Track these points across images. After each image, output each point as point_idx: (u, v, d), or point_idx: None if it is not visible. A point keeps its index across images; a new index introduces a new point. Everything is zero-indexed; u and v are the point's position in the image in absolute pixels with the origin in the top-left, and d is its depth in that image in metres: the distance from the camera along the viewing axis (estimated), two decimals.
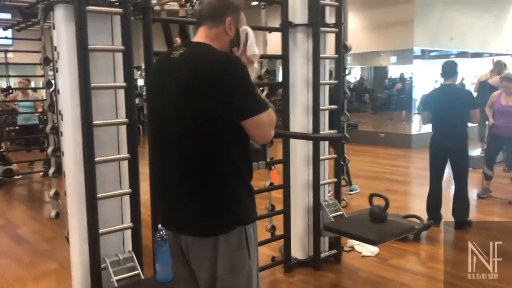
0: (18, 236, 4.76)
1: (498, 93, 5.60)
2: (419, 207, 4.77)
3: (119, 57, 2.58)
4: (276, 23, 3.45)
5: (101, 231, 2.50)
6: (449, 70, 4.51)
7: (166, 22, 4.12)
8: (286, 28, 3.40)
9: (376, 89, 12.61)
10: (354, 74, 16.36)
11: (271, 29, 3.53)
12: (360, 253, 3.96)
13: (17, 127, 8.70)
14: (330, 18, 3.68)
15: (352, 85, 14.69)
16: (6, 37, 8.11)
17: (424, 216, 4.43)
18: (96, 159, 2.44)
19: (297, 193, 3.61)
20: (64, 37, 2.44)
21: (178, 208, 1.67)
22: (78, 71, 2.37)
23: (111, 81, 2.60)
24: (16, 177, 7.60)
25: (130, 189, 2.61)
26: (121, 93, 2.60)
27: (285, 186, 3.53)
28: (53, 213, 4.17)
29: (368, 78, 14.73)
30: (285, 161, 3.52)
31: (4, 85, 8.76)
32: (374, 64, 13.62)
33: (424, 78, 11.20)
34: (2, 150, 7.86)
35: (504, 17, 12.29)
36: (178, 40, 4.95)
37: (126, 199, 2.66)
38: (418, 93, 10.66)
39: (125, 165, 2.64)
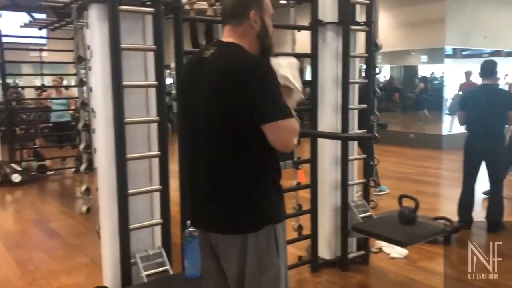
0: (50, 230, 4.89)
1: None
2: (449, 209, 4.68)
3: (150, 56, 2.62)
4: (305, 21, 3.44)
5: (131, 226, 2.54)
6: (489, 70, 4.41)
7: (196, 21, 4.14)
8: (315, 26, 3.38)
9: (406, 88, 12.40)
10: (383, 73, 16.13)
11: (300, 28, 3.52)
12: (389, 254, 3.91)
13: (50, 124, 8.91)
14: (360, 16, 3.64)
15: (381, 84, 14.46)
16: (41, 37, 8.32)
17: (455, 218, 4.34)
18: (128, 156, 2.49)
19: (325, 193, 3.59)
20: (98, 36, 2.49)
21: (208, 206, 1.68)
22: (111, 69, 2.41)
23: (143, 80, 2.64)
24: (49, 172, 7.82)
25: (160, 186, 2.64)
26: (152, 92, 2.64)
27: (313, 186, 3.51)
28: (84, 209, 4.26)
29: (398, 77, 14.48)
30: (313, 160, 3.51)
31: (39, 83, 9.01)
32: (404, 63, 13.40)
33: (455, 78, 10.95)
34: (36, 146, 8.11)
35: None
36: (203, 40, 4.99)
37: (156, 195, 2.70)
38: (449, 93, 10.45)
39: (155, 162, 2.67)
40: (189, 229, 2.37)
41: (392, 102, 12.38)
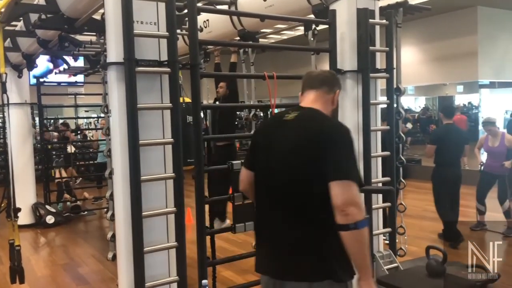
0: (79, 275, 4.93)
1: (485, 135, 5.94)
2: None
3: (167, 113, 2.66)
4: (328, 66, 3.43)
5: (147, 284, 2.53)
6: (451, 112, 5.66)
7: (214, 77, 4.22)
8: None
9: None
10: (418, 103, 15.79)
11: None
12: None
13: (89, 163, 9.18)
14: (381, 63, 3.61)
15: (416, 115, 14.16)
16: (76, 82, 8.68)
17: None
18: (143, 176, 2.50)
19: None
20: (115, 97, 2.57)
21: (278, 256, 1.79)
22: (127, 130, 2.46)
23: (160, 136, 2.68)
24: (83, 213, 7.98)
25: (176, 243, 2.64)
26: (168, 148, 2.67)
27: None
28: (110, 255, 4.32)
29: (434, 107, 14.23)
30: None
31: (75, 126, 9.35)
32: (440, 93, 13.18)
33: (492, 107, 10.68)
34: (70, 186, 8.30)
35: None
36: (222, 84, 5.09)
37: (172, 252, 2.69)
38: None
39: (171, 218, 2.69)
40: (205, 287, 2.35)
41: (428, 134, 12.03)
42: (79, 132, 9.48)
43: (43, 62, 7.27)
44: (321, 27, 3.61)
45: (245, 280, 4.18)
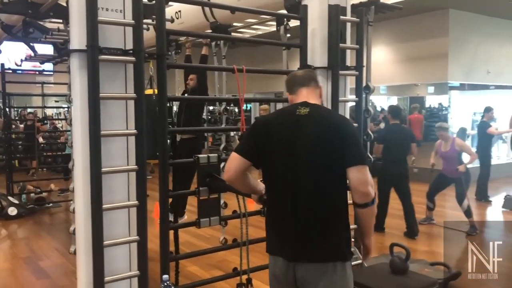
0: (40, 269, 4.80)
1: (440, 141, 6.19)
2: (450, 253, 4.52)
3: (131, 104, 2.59)
4: (298, 63, 3.41)
5: (106, 278, 2.46)
6: (397, 113, 6.05)
7: (182, 68, 4.15)
8: None
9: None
10: (391, 103, 15.93)
11: (289, 73, 3.47)
12: None
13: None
14: (351, 61, 3.62)
15: (384, 116, 14.28)
16: (44, 70, 8.44)
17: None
18: (104, 168, 2.43)
19: None
20: (77, 85, 2.48)
21: (299, 240, 1.96)
22: (89, 119, 2.38)
23: (123, 127, 2.61)
24: (48, 205, 7.77)
25: (137, 237, 2.58)
26: (132, 140, 2.60)
27: None
28: (72, 249, 4.19)
29: (405, 107, 14.41)
30: None
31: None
32: (411, 94, 13.37)
33: (462, 109, 10.90)
34: (34, 178, 8.09)
35: None
36: (193, 76, 5.02)
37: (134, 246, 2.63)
38: (456, 124, 10.35)
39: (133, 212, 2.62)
40: (166, 282, 2.31)
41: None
42: (46, 122, 9.21)
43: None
44: (294, 24, 3.58)
45: (210, 275, 4.15)
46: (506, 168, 9.88)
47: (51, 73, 10.09)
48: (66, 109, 12.01)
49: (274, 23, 3.94)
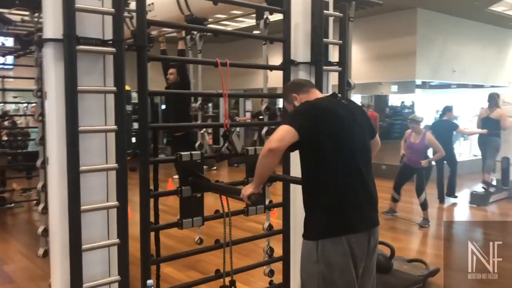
0: (3, 273, 4.54)
1: (410, 131, 6.41)
2: (423, 249, 4.58)
3: (111, 97, 2.43)
4: (278, 57, 3.33)
5: (85, 285, 2.31)
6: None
7: (164, 60, 3.99)
8: (288, 66, 3.28)
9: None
10: (359, 101, 16.16)
11: (272, 68, 3.39)
12: None
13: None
14: (333, 56, 3.56)
15: None
16: (4, 64, 8.03)
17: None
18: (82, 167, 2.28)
19: (297, 238, 3.41)
20: (52, 78, 2.30)
21: (371, 207, 2.33)
22: (65, 114, 2.22)
23: (102, 123, 2.45)
24: (9, 205, 7.40)
25: (118, 240, 2.43)
26: (111, 135, 2.45)
27: (285, 231, 3.35)
28: (41, 252, 3.99)
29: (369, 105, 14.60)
30: (285, 204, 3.35)
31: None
32: (375, 92, 13.57)
33: (425, 107, 11.11)
34: None
35: (506, 50, 12.29)
36: (172, 70, 4.87)
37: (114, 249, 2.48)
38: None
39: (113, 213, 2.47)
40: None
41: None
42: (7, 118, 8.76)
43: None
44: (274, 18, 3.49)
45: (186, 277, 4.03)
46: (469, 164, 10.15)
47: (11, 67, 9.61)
48: (25, 105, 11.50)
49: (254, 15, 3.83)
